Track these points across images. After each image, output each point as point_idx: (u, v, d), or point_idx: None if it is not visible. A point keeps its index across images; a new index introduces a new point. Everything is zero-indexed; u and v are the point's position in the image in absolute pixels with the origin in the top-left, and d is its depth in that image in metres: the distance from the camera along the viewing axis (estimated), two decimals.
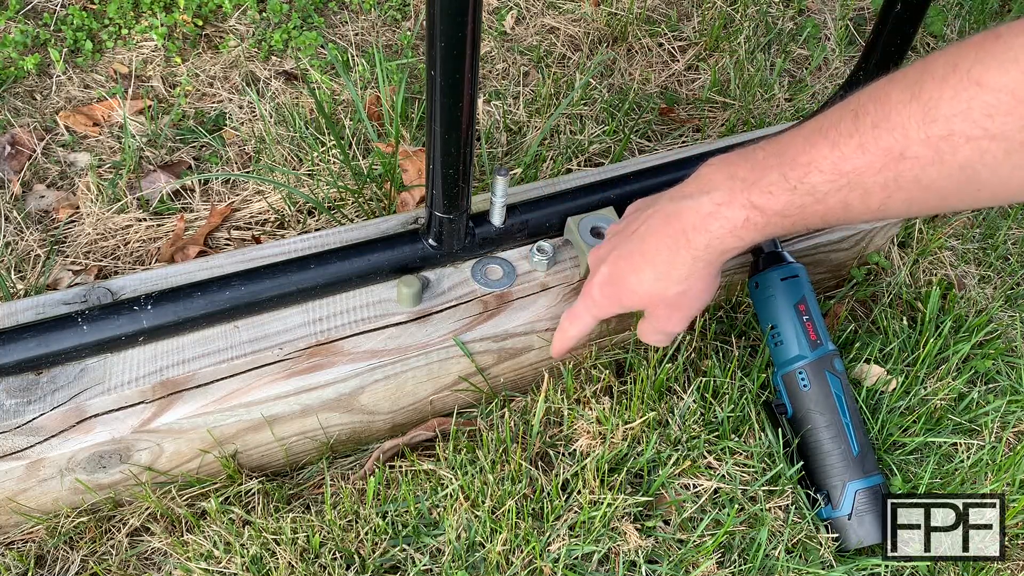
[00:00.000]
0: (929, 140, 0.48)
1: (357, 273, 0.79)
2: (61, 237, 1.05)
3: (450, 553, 0.72)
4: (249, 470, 0.82)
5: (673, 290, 0.67)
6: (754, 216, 0.58)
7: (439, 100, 0.64)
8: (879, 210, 0.54)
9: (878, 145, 0.50)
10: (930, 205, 0.52)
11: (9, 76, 1.22)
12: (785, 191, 0.56)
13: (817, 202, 0.55)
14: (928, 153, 0.48)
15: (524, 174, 1.13)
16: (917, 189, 0.50)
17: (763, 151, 0.59)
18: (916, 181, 0.50)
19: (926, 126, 0.48)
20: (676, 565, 0.74)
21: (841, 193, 0.54)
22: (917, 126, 0.48)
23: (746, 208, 0.59)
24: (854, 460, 0.78)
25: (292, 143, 1.15)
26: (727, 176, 0.61)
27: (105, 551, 0.77)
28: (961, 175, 0.48)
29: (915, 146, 0.49)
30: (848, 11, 1.50)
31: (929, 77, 0.48)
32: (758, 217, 0.58)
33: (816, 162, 0.54)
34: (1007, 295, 1.06)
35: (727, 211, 0.60)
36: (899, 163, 0.50)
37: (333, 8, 1.41)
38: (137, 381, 0.73)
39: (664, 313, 0.71)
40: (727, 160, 0.62)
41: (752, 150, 0.61)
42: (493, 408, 0.87)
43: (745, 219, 0.59)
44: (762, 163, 0.58)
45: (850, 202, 0.54)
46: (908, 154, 0.49)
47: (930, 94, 0.47)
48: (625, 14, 1.41)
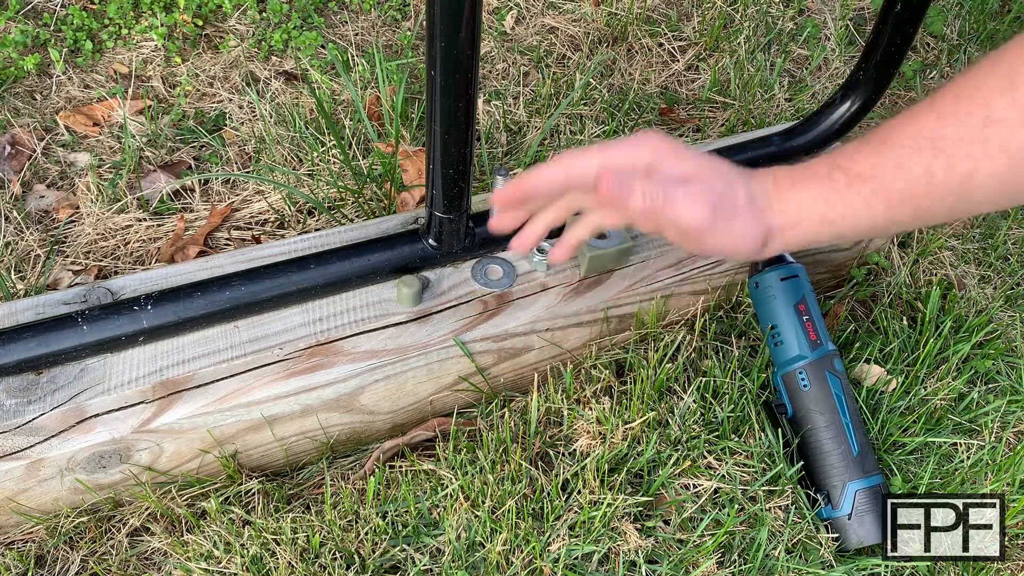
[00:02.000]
0: (1016, 103, 0.47)
1: (357, 273, 0.79)
2: (61, 237, 1.05)
3: (450, 553, 0.72)
4: (249, 470, 0.82)
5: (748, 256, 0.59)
6: (837, 174, 0.56)
7: (439, 100, 0.64)
8: (964, 186, 0.51)
9: (959, 112, 0.49)
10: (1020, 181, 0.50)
11: (9, 76, 1.22)
12: (868, 154, 0.54)
13: (898, 167, 0.53)
14: (1016, 115, 0.47)
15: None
16: (1005, 157, 0.48)
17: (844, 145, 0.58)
18: (1003, 147, 0.48)
19: (1012, 91, 0.47)
20: (676, 565, 0.74)
21: (925, 160, 0.51)
22: (1001, 91, 0.47)
23: (829, 166, 0.57)
24: (854, 460, 0.78)
25: (292, 143, 1.15)
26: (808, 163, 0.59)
27: (105, 551, 0.77)
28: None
29: (1000, 109, 0.47)
30: (848, 11, 1.50)
31: (1012, 49, 0.47)
32: (840, 176, 0.56)
33: (898, 134, 0.53)
34: (1007, 295, 1.06)
35: (814, 165, 0.58)
36: (984, 129, 0.48)
37: (333, 8, 1.41)
38: (137, 381, 0.73)
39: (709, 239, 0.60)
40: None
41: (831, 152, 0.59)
42: (493, 408, 0.87)
43: (828, 174, 0.56)
44: (843, 147, 0.57)
45: (934, 172, 0.51)
46: (994, 118, 0.48)
47: (1008, 62, 0.47)
48: (625, 14, 1.41)
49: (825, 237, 0.59)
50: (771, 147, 0.95)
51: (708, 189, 0.58)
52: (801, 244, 0.59)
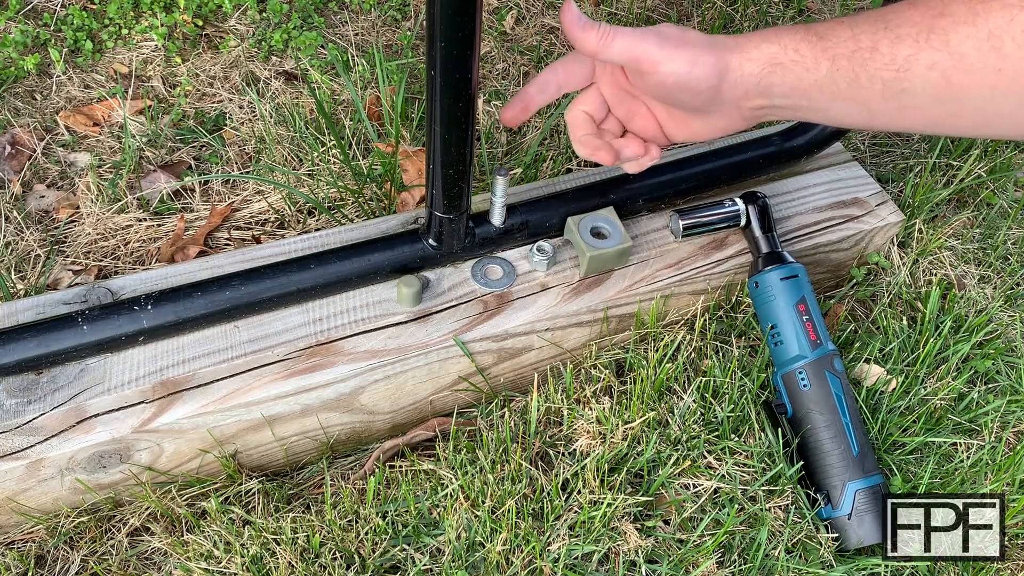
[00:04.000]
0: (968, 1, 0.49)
1: (357, 273, 0.79)
2: (61, 237, 1.05)
3: (450, 553, 0.72)
4: (249, 470, 0.82)
5: (705, 81, 0.61)
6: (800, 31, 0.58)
7: (439, 100, 0.64)
8: (902, 71, 0.53)
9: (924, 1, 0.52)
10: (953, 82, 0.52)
11: (9, 76, 1.22)
12: (832, 23, 0.57)
13: (852, 38, 0.55)
14: (963, 11, 0.49)
15: (524, 174, 1.13)
16: (944, 51, 0.50)
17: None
18: (945, 41, 0.50)
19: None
20: (676, 565, 0.74)
21: (875, 33, 0.54)
22: None
23: (793, 29, 0.59)
24: (854, 460, 0.78)
25: (292, 143, 1.15)
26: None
27: (105, 551, 0.77)
28: (988, 43, 0.49)
29: (954, 5, 0.50)
30: (848, 11, 1.50)
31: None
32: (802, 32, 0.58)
33: (867, 12, 0.55)
34: (1007, 295, 1.06)
35: (779, 29, 0.60)
36: (936, 20, 0.51)
37: (333, 8, 1.41)
38: (137, 381, 0.73)
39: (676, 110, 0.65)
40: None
41: None
42: (493, 408, 0.87)
43: (791, 31, 0.58)
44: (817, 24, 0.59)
45: (879, 46, 0.54)
46: (946, 12, 0.50)
47: None
48: (625, 14, 1.41)
49: (776, 82, 0.59)
50: (771, 147, 0.95)
51: (661, 28, 0.63)
52: (756, 83, 0.60)
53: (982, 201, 1.19)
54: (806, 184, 1.00)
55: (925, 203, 1.12)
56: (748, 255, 0.90)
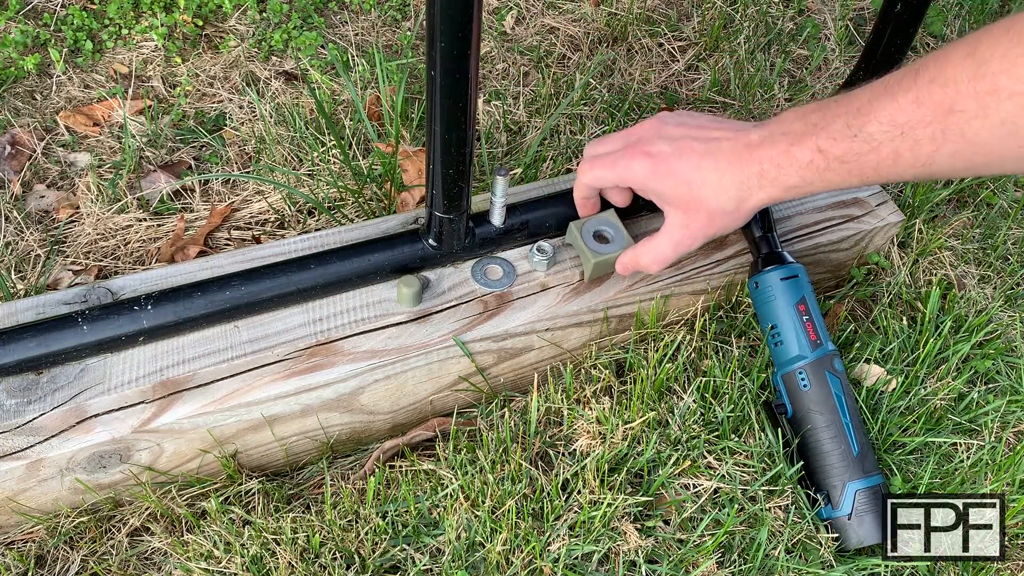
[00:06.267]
0: (977, 94, 0.51)
1: (357, 273, 0.79)
2: (61, 237, 1.05)
3: (450, 553, 0.72)
4: (249, 470, 0.82)
5: (724, 201, 0.70)
6: (818, 160, 0.64)
7: (439, 100, 0.64)
8: (927, 164, 0.57)
9: (931, 99, 0.54)
10: (975, 162, 0.56)
11: (9, 76, 1.22)
12: (846, 138, 0.61)
13: (872, 151, 0.59)
14: (974, 106, 0.52)
15: (524, 174, 1.13)
16: (962, 142, 0.54)
17: (835, 103, 0.63)
18: (961, 134, 0.54)
19: (975, 82, 0.51)
20: (676, 565, 0.74)
21: (894, 143, 0.58)
22: (968, 81, 0.52)
23: (812, 151, 0.64)
24: (854, 460, 0.78)
25: (292, 143, 1.15)
26: (801, 119, 0.65)
27: (105, 551, 0.77)
28: (1002, 129, 0.51)
29: (963, 100, 0.52)
30: (848, 11, 1.50)
31: (986, 36, 0.51)
32: (821, 161, 0.64)
33: (876, 112, 0.58)
34: (1007, 295, 1.06)
35: (797, 151, 0.65)
36: (947, 117, 0.54)
37: (333, 8, 1.41)
38: (137, 381, 0.73)
39: (695, 220, 0.73)
40: (804, 107, 0.67)
41: (827, 101, 0.65)
42: (493, 408, 0.87)
43: (810, 161, 0.64)
44: (832, 111, 0.63)
45: (901, 152, 0.58)
46: (956, 108, 0.53)
47: (983, 52, 0.51)
48: (625, 14, 1.41)
49: (799, 196, 0.69)
50: None
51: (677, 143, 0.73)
52: (768, 200, 0.70)
53: (982, 201, 1.19)
54: None
55: (925, 203, 1.12)
56: (748, 255, 0.90)
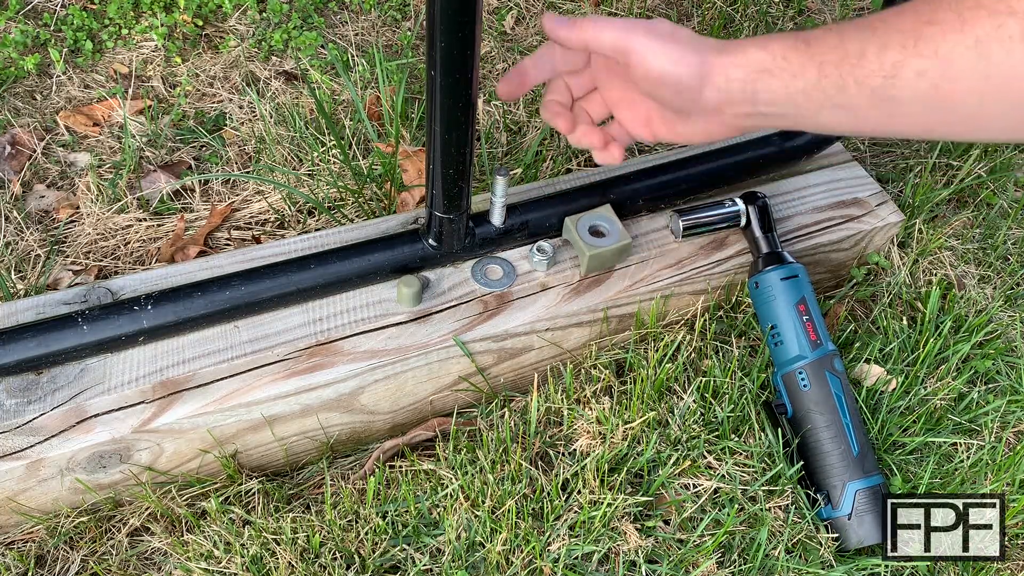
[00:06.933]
0: (958, 8, 0.49)
1: (357, 273, 0.79)
2: (61, 237, 1.05)
3: (450, 553, 0.72)
4: (249, 470, 0.82)
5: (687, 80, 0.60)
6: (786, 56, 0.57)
7: (439, 100, 0.64)
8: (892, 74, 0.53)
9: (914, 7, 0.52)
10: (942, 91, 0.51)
11: (9, 76, 1.22)
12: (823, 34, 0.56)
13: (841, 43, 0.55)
14: (953, 19, 0.49)
15: (524, 174, 1.13)
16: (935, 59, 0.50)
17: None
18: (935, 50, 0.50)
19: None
20: (676, 565, 0.74)
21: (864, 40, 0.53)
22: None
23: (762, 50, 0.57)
24: (854, 460, 0.78)
25: (292, 143, 1.15)
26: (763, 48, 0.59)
27: (105, 551, 0.77)
28: (975, 50, 0.48)
29: (942, 12, 0.49)
30: (848, 11, 1.50)
31: None
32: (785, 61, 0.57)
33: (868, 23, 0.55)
34: (1007, 295, 1.06)
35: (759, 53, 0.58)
36: (926, 27, 0.50)
37: (333, 8, 1.41)
38: (137, 381, 0.73)
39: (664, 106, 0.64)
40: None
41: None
42: (493, 408, 0.87)
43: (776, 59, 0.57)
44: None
45: (866, 50, 0.53)
46: (936, 19, 0.50)
47: None
48: (625, 14, 1.41)
49: (762, 89, 0.58)
50: (771, 147, 0.95)
51: (655, 22, 0.63)
52: (742, 89, 0.59)
53: (982, 201, 1.19)
54: (806, 184, 1.00)
55: (925, 203, 1.12)
56: (748, 255, 0.90)
